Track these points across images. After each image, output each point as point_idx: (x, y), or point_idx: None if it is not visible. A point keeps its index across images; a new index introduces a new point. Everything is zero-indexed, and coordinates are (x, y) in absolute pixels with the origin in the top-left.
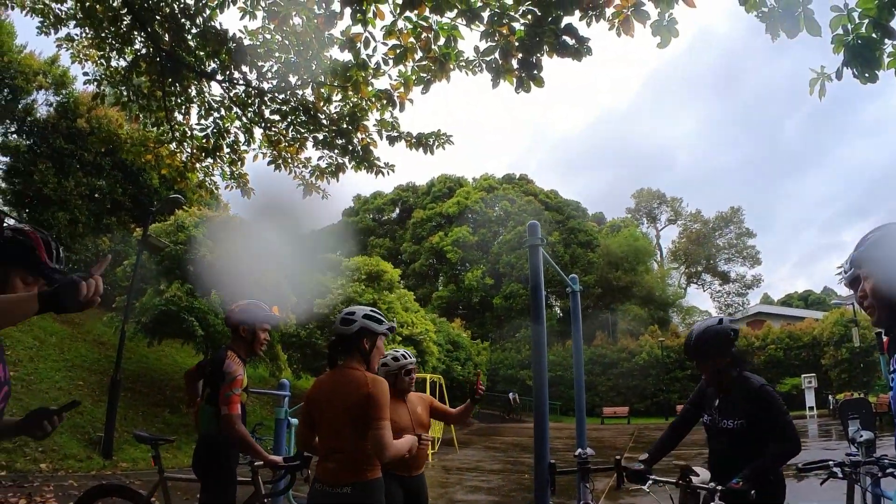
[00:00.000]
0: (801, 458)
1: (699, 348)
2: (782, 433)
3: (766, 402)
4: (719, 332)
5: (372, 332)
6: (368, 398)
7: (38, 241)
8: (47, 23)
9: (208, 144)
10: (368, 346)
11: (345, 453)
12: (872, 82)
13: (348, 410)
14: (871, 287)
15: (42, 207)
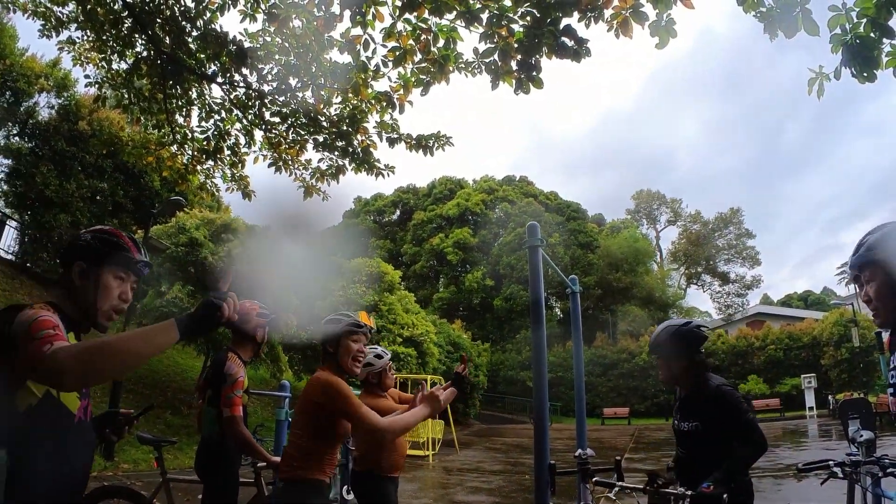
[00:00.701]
0: (801, 457)
1: (657, 346)
2: (746, 434)
3: (723, 403)
4: (682, 334)
5: (344, 335)
6: (322, 398)
7: (125, 239)
8: (49, 26)
9: (209, 147)
10: (332, 348)
11: (287, 448)
12: (871, 81)
13: (299, 408)
14: (874, 290)
15: (44, 209)
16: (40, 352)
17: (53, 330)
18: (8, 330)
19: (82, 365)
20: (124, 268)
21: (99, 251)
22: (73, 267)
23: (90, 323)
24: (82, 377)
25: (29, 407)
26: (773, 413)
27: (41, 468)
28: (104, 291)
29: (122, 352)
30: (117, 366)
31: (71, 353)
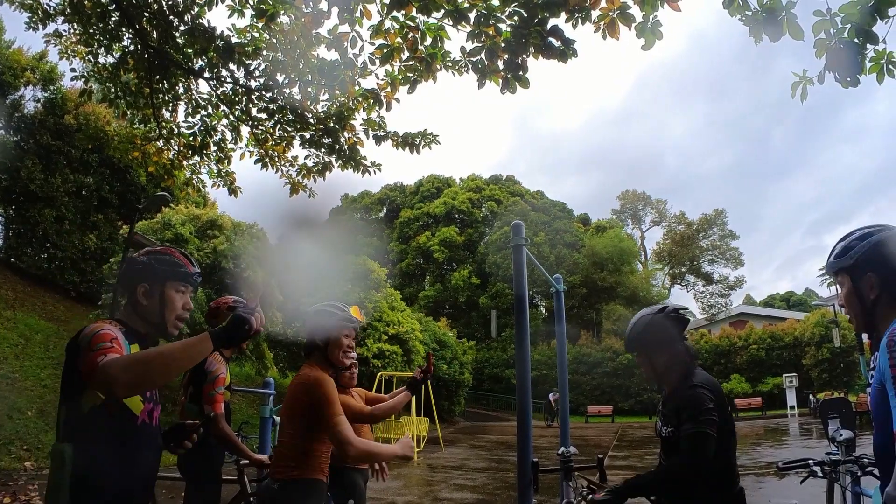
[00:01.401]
0: (782, 456)
1: (633, 340)
2: (684, 444)
3: (684, 406)
4: (659, 321)
5: (348, 326)
6: (309, 398)
7: (179, 256)
8: (35, 18)
9: (195, 142)
10: (323, 342)
11: (279, 448)
12: (854, 86)
13: (287, 407)
14: (844, 294)
15: (28, 204)
16: (94, 362)
17: (110, 343)
18: (75, 342)
19: (130, 375)
20: (183, 281)
21: (159, 271)
22: (137, 289)
23: (159, 334)
24: (131, 386)
25: (93, 407)
26: (755, 412)
27: (104, 465)
28: (170, 305)
29: (166, 362)
30: (161, 375)
31: (120, 365)
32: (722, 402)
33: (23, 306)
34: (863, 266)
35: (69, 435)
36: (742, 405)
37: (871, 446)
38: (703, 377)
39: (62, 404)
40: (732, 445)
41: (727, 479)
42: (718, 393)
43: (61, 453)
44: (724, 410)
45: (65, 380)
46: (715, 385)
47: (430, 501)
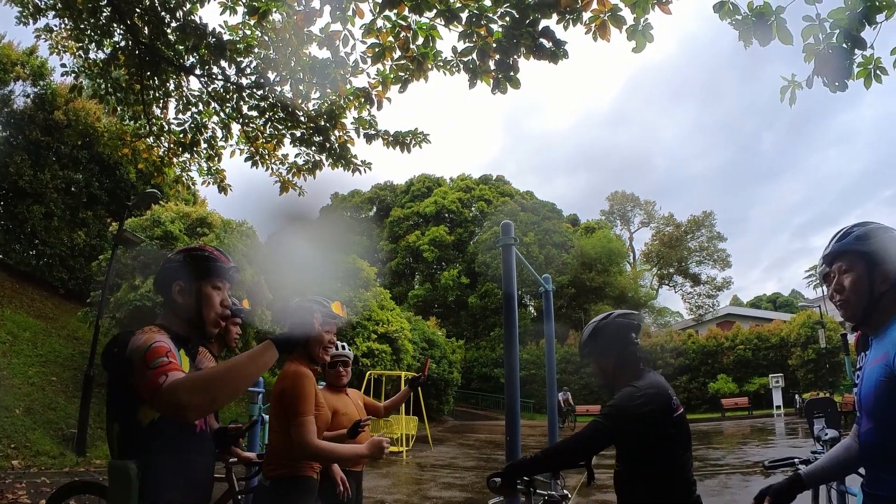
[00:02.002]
0: (768, 455)
1: (582, 346)
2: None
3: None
4: (603, 326)
5: (328, 323)
6: (282, 392)
7: (214, 252)
8: (26, 13)
9: (186, 139)
10: (326, 336)
11: (269, 446)
12: (842, 91)
13: (274, 406)
14: (850, 280)
15: (17, 200)
16: (156, 384)
17: (167, 358)
18: (122, 355)
19: (201, 398)
20: (220, 277)
21: (192, 267)
22: (172, 287)
23: (199, 334)
24: (202, 409)
25: (152, 421)
26: (742, 411)
27: (169, 477)
28: (207, 302)
29: (235, 378)
30: (231, 392)
31: (188, 388)
32: (665, 408)
33: (10, 303)
34: (882, 255)
35: (129, 451)
36: (729, 405)
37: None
38: (649, 381)
39: (114, 421)
40: (681, 456)
41: (675, 491)
42: (661, 398)
43: (126, 471)
44: (668, 417)
45: (114, 396)
46: (660, 390)
47: (418, 500)
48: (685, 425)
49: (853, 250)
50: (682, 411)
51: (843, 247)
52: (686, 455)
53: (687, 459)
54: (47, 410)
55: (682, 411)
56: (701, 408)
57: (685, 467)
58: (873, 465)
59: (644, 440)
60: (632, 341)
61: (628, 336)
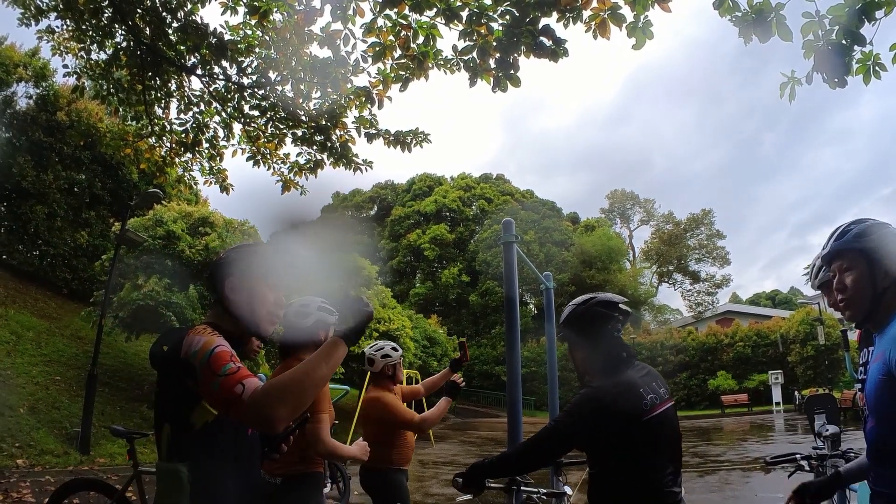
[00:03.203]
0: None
1: (557, 331)
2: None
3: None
4: (579, 313)
5: (326, 324)
6: None
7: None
8: (28, 14)
9: (187, 139)
10: (324, 336)
11: None
12: (842, 87)
13: None
14: (852, 279)
15: (20, 201)
16: (234, 394)
17: (234, 363)
18: (173, 354)
19: (286, 408)
20: (272, 275)
21: (244, 264)
22: (224, 284)
23: (252, 333)
24: (288, 419)
25: (206, 424)
26: (742, 408)
27: (224, 481)
28: (261, 299)
29: (314, 382)
30: (310, 397)
31: (273, 400)
32: (631, 411)
33: (14, 303)
34: (882, 252)
35: (180, 454)
36: (728, 401)
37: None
38: (616, 380)
39: (164, 422)
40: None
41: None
42: (625, 401)
43: (177, 474)
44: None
45: (166, 397)
46: (625, 392)
47: (420, 497)
48: (660, 428)
49: (853, 248)
50: (660, 412)
51: (842, 245)
52: (659, 459)
53: (661, 464)
54: (51, 409)
55: (657, 413)
56: (701, 404)
57: (656, 473)
58: (877, 461)
59: (605, 444)
60: (608, 334)
61: (605, 329)
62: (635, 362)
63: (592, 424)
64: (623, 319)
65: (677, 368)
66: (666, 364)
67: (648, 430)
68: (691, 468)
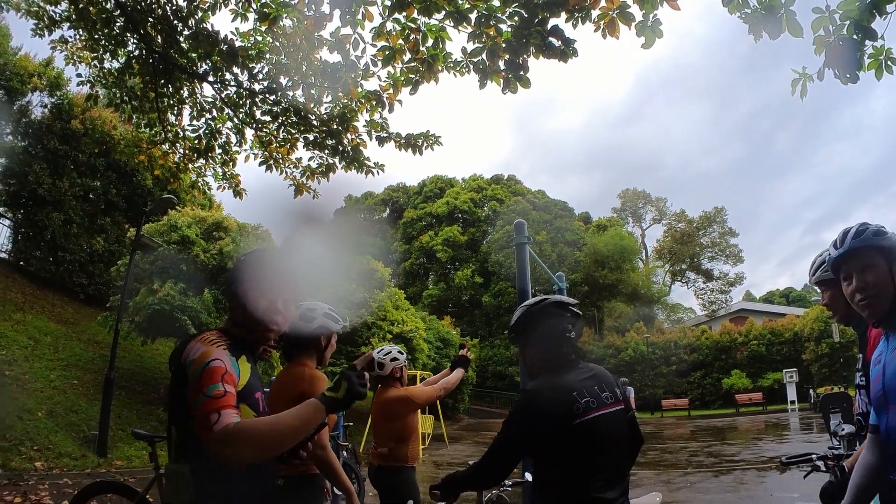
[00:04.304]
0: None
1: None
2: None
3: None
4: (531, 314)
5: (329, 330)
6: (303, 395)
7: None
8: (42, 25)
9: (200, 145)
10: (325, 342)
11: None
12: (853, 83)
13: (286, 405)
14: (874, 276)
15: (37, 208)
16: (208, 422)
17: (223, 385)
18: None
19: (250, 453)
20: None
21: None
22: (232, 291)
23: (257, 338)
24: (247, 462)
25: None
26: (756, 407)
27: (228, 482)
28: (252, 300)
29: (285, 438)
30: (279, 449)
31: (239, 442)
32: (562, 413)
33: (32, 309)
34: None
35: (186, 456)
36: (743, 400)
37: None
38: (550, 382)
39: (172, 423)
40: (582, 466)
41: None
42: (556, 403)
43: (181, 475)
44: (565, 422)
45: (173, 399)
46: (556, 394)
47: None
48: (595, 431)
49: (872, 246)
50: (595, 416)
51: (860, 243)
52: (591, 464)
53: (592, 469)
54: (69, 413)
55: (592, 416)
56: (715, 403)
57: (585, 477)
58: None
59: (537, 446)
60: (559, 335)
61: (556, 328)
62: (581, 364)
63: (526, 427)
64: (574, 321)
65: (691, 367)
66: (680, 363)
67: (580, 433)
68: (706, 468)
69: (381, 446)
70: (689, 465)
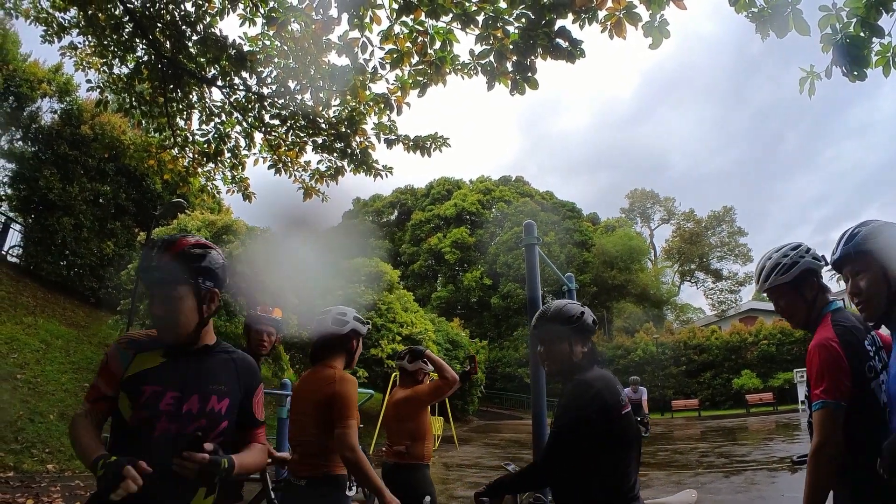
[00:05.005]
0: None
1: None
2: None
3: (560, 400)
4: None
5: (359, 333)
6: (333, 396)
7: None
8: (51, 31)
9: (210, 149)
10: (356, 345)
11: (304, 446)
12: (861, 80)
13: (314, 406)
14: (866, 281)
15: (47, 213)
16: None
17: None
18: None
19: None
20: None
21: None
22: None
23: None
24: None
25: None
26: (767, 407)
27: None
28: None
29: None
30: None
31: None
32: (614, 405)
33: (43, 312)
34: (892, 251)
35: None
36: (753, 400)
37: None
38: (598, 374)
39: None
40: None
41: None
42: (610, 394)
43: None
44: (614, 415)
45: None
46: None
47: (445, 499)
48: (630, 427)
49: (862, 251)
50: (629, 410)
51: (850, 249)
52: (628, 456)
53: (629, 461)
54: None
55: (628, 410)
56: (725, 404)
57: (627, 469)
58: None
59: (587, 439)
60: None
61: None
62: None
63: (588, 414)
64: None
65: (701, 368)
66: (690, 363)
67: (622, 426)
68: (716, 468)
69: (397, 445)
70: (700, 465)
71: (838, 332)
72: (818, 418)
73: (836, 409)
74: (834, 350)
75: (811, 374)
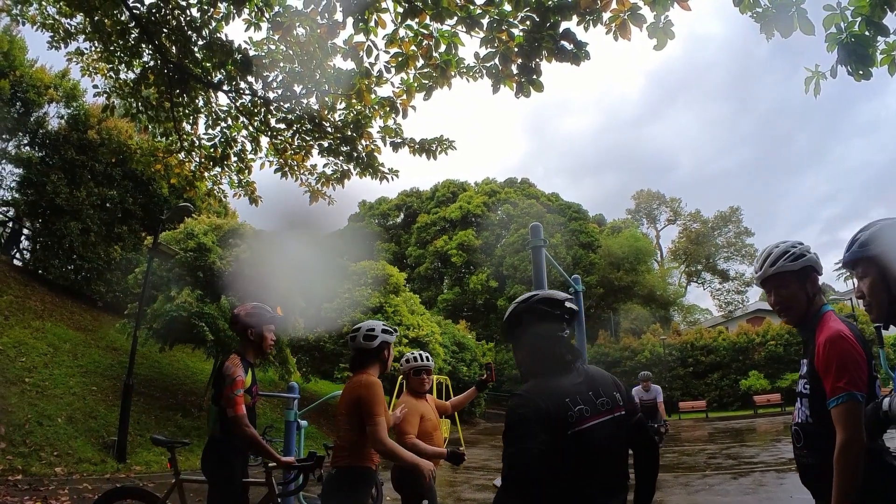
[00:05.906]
0: None
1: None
2: None
3: None
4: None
5: (389, 343)
6: (360, 399)
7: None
8: (57, 37)
9: (216, 154)
10: (387, 354)
11: (339, 441)
12: (867, 79)
13: (346, 407)
14: (868, 285)
15: (55, 217)
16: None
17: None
18: None
19: None
20: None
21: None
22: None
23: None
24: None
25: None
26: (774, 408)
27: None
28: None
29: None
30: None
31: None
32: (556, 421)
33: (51, 316)
34: (892, 256)
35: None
36: (761, 402)
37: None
38: (541, 387)
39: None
40: (572, 478)
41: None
42: (550, 410)
43: None
44: (559, 431)
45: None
46: (551, 400)
47: (452, 502)
48: (591, 441)
49: (861, 257)
50: (590, 425)
51: (850, 256)
52: (585, 473)
53: (586, 480)
54: (88, 419)
55: (587, 426)
56: (733, 405)
57: (580, 489)
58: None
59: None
60: (551, 335)
61: (547, 329)
62: (575, 367)
63: (528, 433)
64: (569, 319)
65: (708, 369)
66: (697, 365)
67: (575, 443)
68: (725, 470)
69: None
70: (708, 467)
71: (849, 326)
72: (844, 411)
73: (861, 400)
74: (852, 342)
75: (828, 366)
